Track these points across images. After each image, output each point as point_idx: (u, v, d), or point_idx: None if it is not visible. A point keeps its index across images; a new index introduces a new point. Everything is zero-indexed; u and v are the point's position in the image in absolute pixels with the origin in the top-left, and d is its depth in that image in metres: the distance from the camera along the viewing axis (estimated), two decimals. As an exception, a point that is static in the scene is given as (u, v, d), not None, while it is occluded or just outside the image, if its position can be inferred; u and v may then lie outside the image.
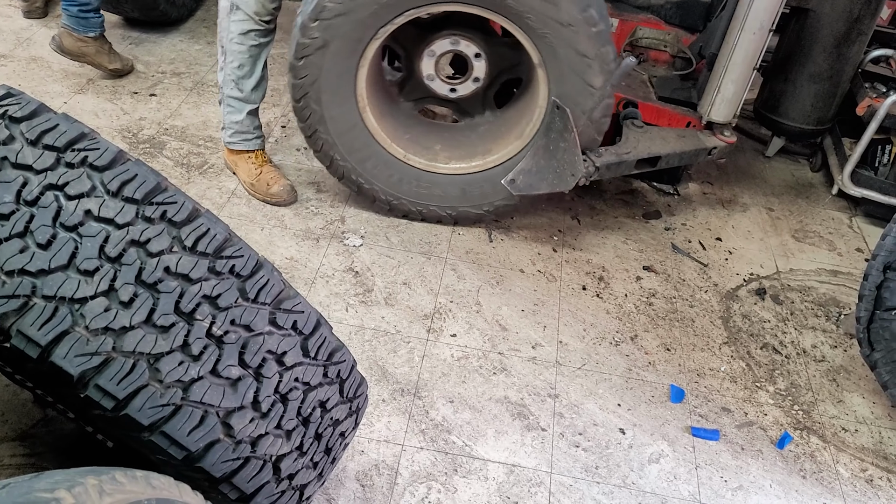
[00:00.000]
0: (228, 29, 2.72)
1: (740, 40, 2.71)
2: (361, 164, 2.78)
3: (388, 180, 2.83)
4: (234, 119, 2.88)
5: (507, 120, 2.87)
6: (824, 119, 3.34)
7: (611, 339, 2.58)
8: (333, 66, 2.56)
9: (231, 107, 2.86)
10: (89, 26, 3.36)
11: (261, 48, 2.76)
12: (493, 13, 2.49)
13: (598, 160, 2.70)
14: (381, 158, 2.79)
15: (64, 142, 1.09)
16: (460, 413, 2.24)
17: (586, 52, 2.46)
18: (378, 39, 2.55)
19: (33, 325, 0.99)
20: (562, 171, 2.63)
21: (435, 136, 2.96)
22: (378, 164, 2.80)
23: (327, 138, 2.73)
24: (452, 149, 2.89)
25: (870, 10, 3.04)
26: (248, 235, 2.76)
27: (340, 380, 1.36)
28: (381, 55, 2.88)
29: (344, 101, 2.65)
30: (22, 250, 1.01)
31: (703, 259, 3.00)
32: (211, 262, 1.14)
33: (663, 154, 2.83)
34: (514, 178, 2.70)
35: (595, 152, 2.72)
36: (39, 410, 1.87)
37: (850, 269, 3.06)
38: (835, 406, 2.47)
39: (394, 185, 2.84)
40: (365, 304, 2.56)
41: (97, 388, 1.02)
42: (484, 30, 2.76)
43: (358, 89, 2.65)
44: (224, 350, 1.13)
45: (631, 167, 2.81)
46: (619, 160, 2.75)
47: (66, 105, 3.31)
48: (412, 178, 2.83)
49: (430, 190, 2.85)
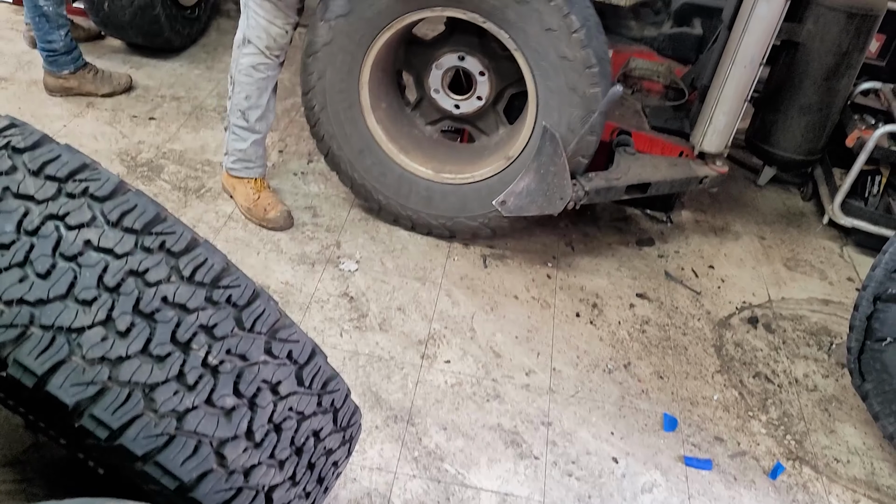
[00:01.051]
0: (238, 61, 2.76)
1: (731, 73, 2.75)
2: (358, 160, 2.92)
3: (382, 179, 2.92)
4: (238, 147, 2.91)
5: (514, 131, 2.91)
6: (815, 150, 3.39)
7: (604, 366, 2.59)
8: (338, 62, 2.74)
9: (236, 135, 2.89)
10: (62, 65, 3.44)
11: (268, 80, 2.81)
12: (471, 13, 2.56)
13: (587, 184, 2.74)
14: (377, 157, 2.89)
15: (65, 172, 1.10)
16: (453, 440, 2.24)
17: (567, 55, 2.51)
18: (381, 38, 2.68)
19: (30, 354, 1.00)
20: (551, 194, 2.68)
21: (445, 151, 3.04)
22: (375, 163, 2.90)
23: (329, 129, 2.89)
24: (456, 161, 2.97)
25: (858, 45, 3.09)
26: (245, 260, 2.77)
27: (334, 409, 1.36)
28: (391, 71, 2.97)
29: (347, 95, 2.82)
30: (21, 280, 1.02)
31: (696, 287, 3.02)
32: (208, 291, 1.15)
33: (653, 181, 2.86)
34: (505, 200, 2.75)
35: (585, 177, 2.75)
36: (31, 436, 1.86)
37: (842, 298, 3.08)
38: (827, 436, 2.48)
39: (387, 186, 2.93)
40: (359, 329, 2.57)
41: (92, 417, 1.03)
42: (487, 46, 2.83)
43: (361, 92, 2.80)
44: (219, 379, 1.13)
45: (621, 193, 2.84)
46: (608, 185, 2.78)
47: (66, 128, 3.33)
48: (407, 182, 2.90)
49: (427, 197, 2.92)
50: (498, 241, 3.06)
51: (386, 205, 2.97)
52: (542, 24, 2.48)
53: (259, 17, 2.67)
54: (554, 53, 2.52)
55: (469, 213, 2.89)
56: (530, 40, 2.52)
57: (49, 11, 3.27)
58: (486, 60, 2.82)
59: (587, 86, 2.55)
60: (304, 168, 3.32)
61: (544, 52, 2.53)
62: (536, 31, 2.50)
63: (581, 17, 2.47)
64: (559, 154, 2.59)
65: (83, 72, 3.50)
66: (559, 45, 2.50)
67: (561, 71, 2.54)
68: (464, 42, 2.83)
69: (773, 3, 2.62)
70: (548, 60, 2.54)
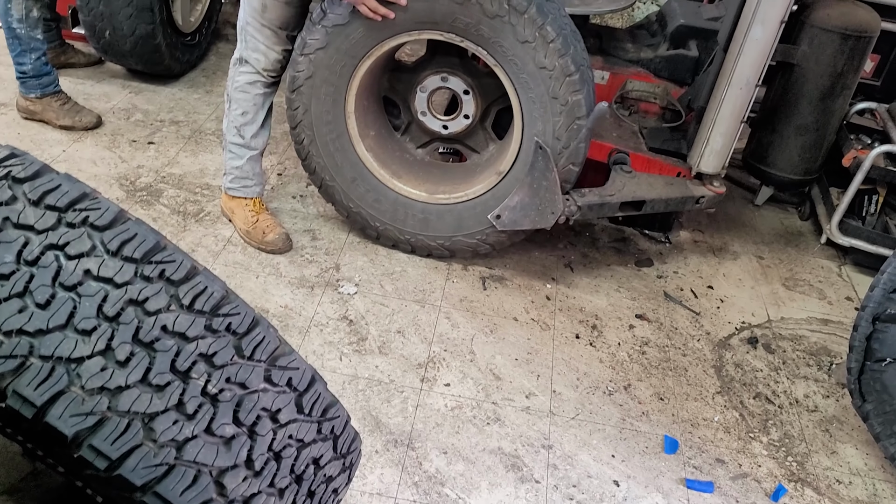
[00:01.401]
0: (234, 78, 2.80)
1: (728, 94, 2.77)
2: (351, 189, 2.93)
3: (377, 206, 2.94)
4: (235, 165, 2.92)
5: (503, 146, 2.93)
6: (811, 169, 3.40)
7: (604, 388, 2.58)
8: (322, 94, 2.76)
9: (232, 153, 2.91)
10: (29, 88, 3.44)
11: (265, 97, 2.84)
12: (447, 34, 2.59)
13: (580, 200, 2.75)
14: (370, 185, 2.91)
15: (65, 202, 1.11)
16: (454, 464, 2.23)
17: (546, 65, 2.54)
18: (362, 67, 2.71)
19: (29, 385, 1.00)
20: (543, 208, 2.71)
21: (437, 172, 3.05)
22: (368, 190, 2.92)
23: (319, 161, 2.90)
24: (449, 181, 2.99)
25: (853, 66, 3.12)
26: (244, 284, 2.77)
27: (334, 436, 1.36)
28: (377, 97, 2.99)
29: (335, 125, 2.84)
30: (21, 310, 1.02)
31: (696, 307, 3.02)
32: (208, 320, 1.15)
33: (648, 199, 2.87)
34: (500, 214, 2.79)
35: (577, 192, 2.77)
36: (28, 463, 1.86)
37: (841, 317, 3.08)
38: (828, 457, 2.47)
39: (383, 212, 2.94)
40: (359, 352, 2.57)
41: (91, 448, 1.02)
42: (468, 65, 2.88)
43: (348, 121, 2.83)
44: (219, 408, 1.13)
45: (615, 209, 2.85)
46: (601, 201, 2.80)
47: (65, 153, 3.34)
48: (402, 206, 2.92)
49: (424, 219, 2.93)
50: (496, 263, 3.06)
51: (383, 231, 2.98)
52: (518, 37, 2.50)
53: (258, 41, 2.70)
54: (533, 65, 2.54)
55: (466, 231, 2.90)
56: (508, 54, 2.55)
57: (21, 34, 3.28)
58: (469, 79, 2.86)
59: (569, 93, 2.57)
60: (302, 191, 3.33)
61: (523, 64, 2.56)
62: (513, 44, 2.52)
63: (556, 26, 2.50)
64: (550, 169, 2.63)
65: (50, 98, 3.48)
66: (537, 55, 2.52)
67: (541, 81, 2.57)
68: (445, 63, 2.87)
69: (768, 25, 2.65)
70: (527, 72, 2.57)
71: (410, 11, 2.52)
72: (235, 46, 2.79)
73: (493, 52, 2.57)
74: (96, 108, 3.69)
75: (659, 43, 3.28)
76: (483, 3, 2.46)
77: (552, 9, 2.53)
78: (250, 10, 2.66)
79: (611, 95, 3.24)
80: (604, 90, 3.20)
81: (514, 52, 2.54)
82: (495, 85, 2.78)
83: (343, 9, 2.56)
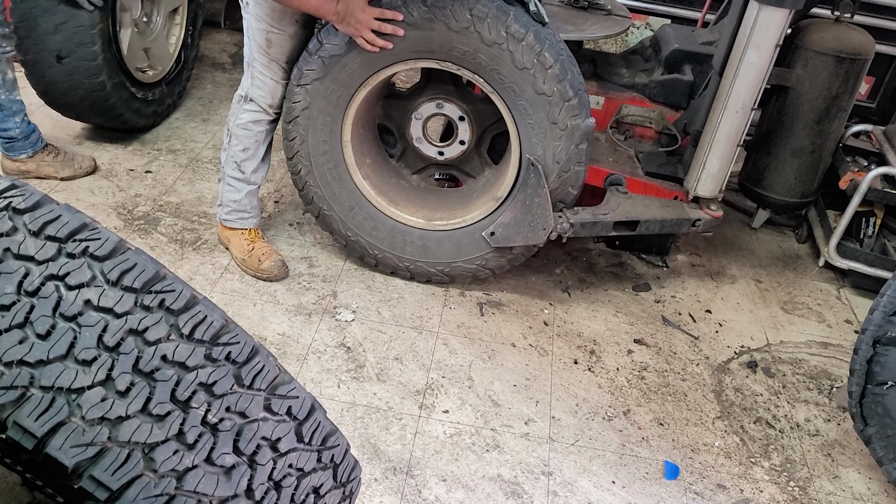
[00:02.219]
0: (238, 115, 2.79)
1: (724, 118, 2.79)
2: (349, 217, 2.94)
3: (375, 234, 2.94)
4: (233, 198, 2.92)
5: (500, 171, 2.94)
6: (808, 192, 3.42)
7: (603, 413, 2.57)
8: (319, 124, 2.77)
9: (231, 186, 2.91)
10: (19, 150, 3.30)
11: (266, 134, 2.85)
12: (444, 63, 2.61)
13: (572, 217, 2.77)
14: (367, 213, 2.92)
15: (66, 232, 1.11)
16: (453, 492, 2.22)
17: (545, 91, 2.57)
18: (358, 96, 2.72)
19: (30, 416, 0.99)
20: (535, 224, 2.74)
21: (435, 198, 3.06)
22: (366, 219, 2.93)
23: (317, 191, 2.91)
24: (447, 207, 3.00)
25: (848, 88, 3.15)
26: (241, 311, 2.76)
27: (334, 464, 1.35)
28: (372, 125, 3.00)
29: (332, 155, 2.85)
30: (21, 341, 1.02)
31: (694, 332, 3.02)
32: (207, 349, 1.14)
33: (642, 219, 2.88)
34: (494, 231, 2.80)
35: (571, 210, 2.78)
36: (28, 494, 1.84)
37: (840, 340, 3.08)
38: (831, 482, 2.45)
39: (381, 240, 2.95)
40: (357, 380, 2.56)
41: (91, 478, 1.02)
42: (463, 91, 2.91)
43: (345, 150, 2.84)
44: (219, 438, 1.12)
45: (609, 228, 2.86)
46: (594, 220, 2.81)
47: (63, 182, 3.35)
48: (400, 233, 2.93)
49: (423, 246, 2.94)
50: (493, 289, 3.06)
51: (382, 258, 2.98)
52: (517, 64, 2.53)
53: (266, 77, 2.71)
54: (532, 90, 2.57)
55: (466, 256, 2.90)
56: (506, 81, 2.57)
57: (2, 100, 3.13)
58: (465, 105, 2.88)
59: (568, 118, 2.59)
60: (299, 219, 3.33)
61: (521, 90, 2.58)
62: (511, 71, 2.54)
63: (553, 52, 2.53)
64: (542, 185, 2.65)
65: (42, 154, 3.34)
66: (535, 82, 2.55)
67: (540, 107, 2.59)
68: (440, 90, 2.90)
69: (763, 49, 2.68)
70: (526, 98, 2.59)
71: (407, 41, 2.54)
72: (230, 75, 2.80)
73: (490, 80, 2.59)
74: (93, 137, 3.69)
75: (653, 67, 3.31)
76: (482, 32, 2.48)
77: (548, 35, 2.56)
78: (256, 47, 2.66)
79: (606, 120, 3.26)
80: (599, 115, 3.23)
81: (512, 79, 2.56)
82: (490, 111, 2.80)
83: (339, 39, 2.58)
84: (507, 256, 2.87)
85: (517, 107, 2.62)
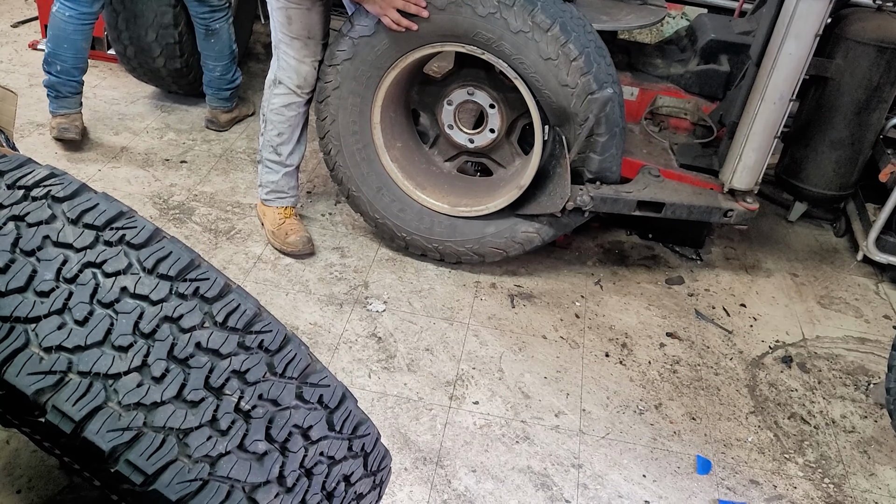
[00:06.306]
0: (270, 101, 2.86)
1: (761, 110, 2.75)
2: (377, 199, 2.98)
3: (402, 216, 2.97)
4: (271, 179, 3.00)
5: (527, 161, 2.93)
6: (847, 185, 3.35)
7: (635, 407, 2.56)
8: (349, 104, 2.81)
9: (268, 168, 2.99)
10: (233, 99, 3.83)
11: (299, 117, 2.90)
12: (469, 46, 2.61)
13: (593, 191, 2.74)
14: (395, 195, 2.95)
15: (103, 221, 1.13)
16: (483, 483, 2.22)
17: (568, 83, 2.56)
18: (387, 78, 2.75)
19: (68, 400, 1.01)
20: (553, 193, 2.73)
21: (463, 185, 3.08)
22: (393, 201, 2.95)
23: (346, 171, 2.95)
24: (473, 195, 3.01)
25: (889, 79, 3.08)
26: (274, 300, 2.79)
27: (365, 453, 1.36)
28: (405, 109, 3.03)
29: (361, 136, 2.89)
30: (60, 327, 1.04)
31: (728, 325, 2.98)
32: (241, 337, 1.16)
33: (668, 202, 2.84)
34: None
35: (592, 184, 2.76)
36: (65, 477, 1.88)
37: (878, 336, 3.03)
38: (867, 479, 2.41)
39: (408, 222, 2.97)
40: (387, 370, 2.57)
41: (127, 462, 1.03)
42: (494, 79, 2.89)
43: (374, 132, 2.87)
44: (251, 425, 1.14)
45: (631, 207, 2.83)
46: (616, 196, 2.78)
47: (101, 172, 3.40)
48: (427, 215, 2.96)
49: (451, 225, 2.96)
50: (525, 281, 3.05)
51: (410, 241, 3.00)
52: (541, 54, 2.51)
53: (290, 56, 2.75)
54: (555, 81, 2.55)
55: (494, 230, 2.91)
56: (530, 70, 2.56)
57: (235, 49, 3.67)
58: (495, 93, 2.87)
59: (590, 111, 2.58)
60: (331, 209, 3.35)
61: (545, 80, 2.56)
62: (535, 60, 2.53)
63: (579, 44, 2.51)
64: (564, 155, 2.64)
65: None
66: (559, 73, 2.53)
67: (563, 98, 2.56)
68: (472, 76, 2.90)
69: (803, 39, 2.63)
70: (549, 88, 2.57)
71: (433, 24, 2.55)
72: (265, 65, 2.84)
73: (516, 67, 2.59)
74: (131, 128, 3.76)
75: (689, 58, 3.26)
76: (508, 19, 2.47)
77: (576, 26, 2.53)
78: (279, 26, 2.73)
79: (640, 112, 3.23)
80: (633, 106, 3.19)
81: (536, 69, 2.55)
82: (521, 100, 2.79)
83: (369, 20, 2.61)
84: (534, 226, 2.86)
85: (542, 96, 2.61)
